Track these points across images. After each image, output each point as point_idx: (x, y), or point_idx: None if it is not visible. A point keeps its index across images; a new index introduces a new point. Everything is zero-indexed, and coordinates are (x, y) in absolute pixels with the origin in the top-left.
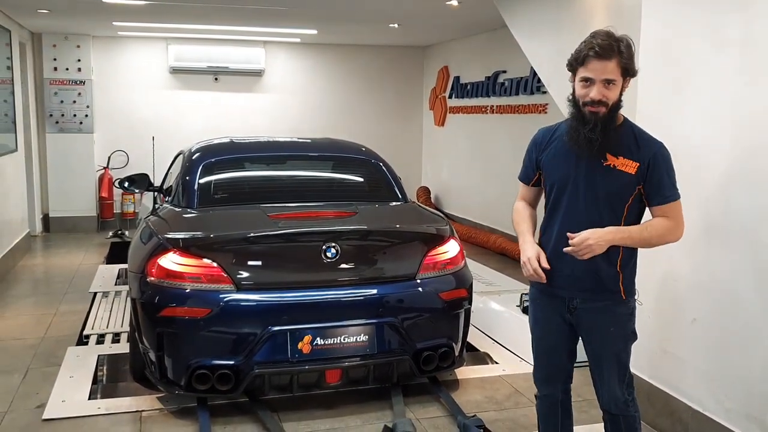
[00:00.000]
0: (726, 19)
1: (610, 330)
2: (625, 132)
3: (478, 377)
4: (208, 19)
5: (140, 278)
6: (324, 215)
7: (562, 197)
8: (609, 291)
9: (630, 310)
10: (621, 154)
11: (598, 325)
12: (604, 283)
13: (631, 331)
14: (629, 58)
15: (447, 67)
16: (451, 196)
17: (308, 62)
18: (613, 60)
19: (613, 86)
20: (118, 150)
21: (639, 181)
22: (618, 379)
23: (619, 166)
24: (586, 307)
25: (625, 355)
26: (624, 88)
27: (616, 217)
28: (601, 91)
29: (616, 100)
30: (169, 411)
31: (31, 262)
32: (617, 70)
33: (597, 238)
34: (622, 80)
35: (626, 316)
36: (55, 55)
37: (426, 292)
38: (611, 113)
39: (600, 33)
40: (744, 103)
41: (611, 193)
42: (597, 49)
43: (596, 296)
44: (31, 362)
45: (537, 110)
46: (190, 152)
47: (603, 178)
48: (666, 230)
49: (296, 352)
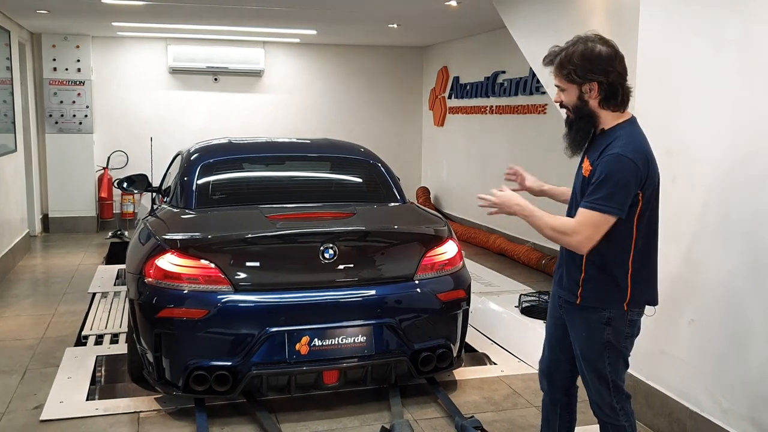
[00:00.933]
0: (724, 20)
1: (582, 335)
2: (606, 136)
3: (476, 378)
4: (208, 19)
5: (138, 279)
6: (322, 216)
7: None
8: (570, 293)
9: (603, 319)
10: (590, 158)
11: (574, 327)
12: (568, 284)
13: (605, 341)
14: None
15: (446, 67)
16: (450, 196)
17: (307, 62)
18: (552, 67)
19: (564, 91)
20: (118, 150)
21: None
22: (601, 386)
23: (584, 168)
24: (564, 307)
25: (602, 365)
26: (587, 95)
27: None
28: (558, 94)
29: (575, 105)
30: (166, 412)
31: (30, 262)
32: (557, 73)
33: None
34: (574, 86)
35: (598, 325)
36: (54, 55)
37: (424, 293)
38: (577, 116)
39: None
40: (742, 104)
41: (577, 196)
42: (544, 56)
43: (563, 294)
44: (30, 363)
45: (536, 111)
46: (189, 153)
47: (577, 179)
48: (564, 228)
49: (294, 353)
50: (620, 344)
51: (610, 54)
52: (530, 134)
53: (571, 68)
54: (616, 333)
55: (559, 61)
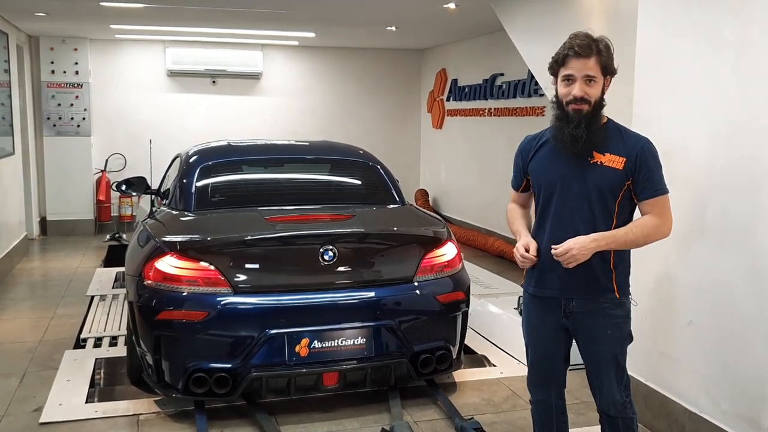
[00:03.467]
0: (721, 21)
1: (607, 333)
2: (610, 130)
3: (475, 380)
4: (206, 22)
5: (137, 281)
6: (321, 218)
7: (551, 200)
8: (603, 290)
9: (626, 312)
10: (607, 151)
11: (596, 328)
12: (599, 282)
13: (627, 333)
14: (608, 56)
15: (445, 70)
16: (449, 198)
17: (306, 65)
18: (591, 58)
19: (594, 83)
20: (116, 153)
21: (627, 176)
22: (616, 382)
23: (606, 162)
24: (582, 311)
25: (623, 358)
26: (605, 87)
27: (609, 215)
28: (583, 87)
29: (598, 98)
30: (166, 414)
31: (28, 265)
32: (597, 67)
33: (580, 246)
34: (603, 78)
35: (622, 319)
36: (52, 58)
37: (423, 295)
38: (594, 111)
39: (579, 34)
40: (740, 106)
41: (601, 191)
42: (576, 48)
43: (591, 296)
44: (29, 365)
45: (534, 113)
46: (188, 155)
47: (592, 175)
48: (652, 229)
49: (294, 355)
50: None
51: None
52: None
53: (608, 58)
54: (630, 323)
55: (598, 49)
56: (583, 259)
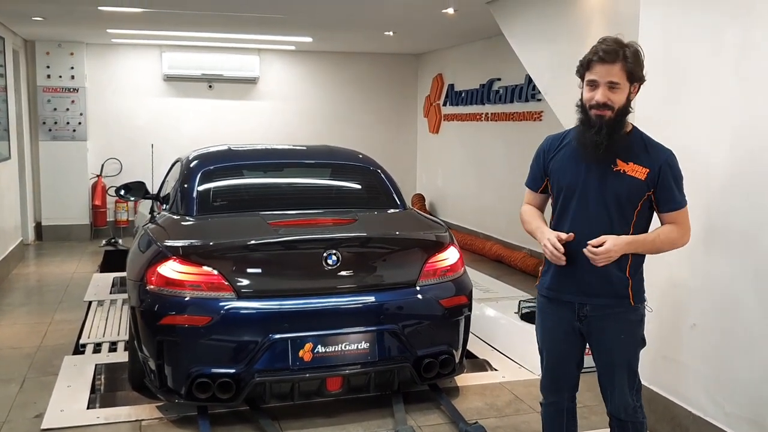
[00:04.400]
0: (725, 25)
1: (621, 337)
2: (634, 139)
3: (477, 384)
4: (204, 26)
5: (140, 286)
6: (324, 222)
7: (570, 203)
8: (619, 296)
9: (640, 317)
10: (631, 160)
11: (610, 332)
12: (614, 288)
13: (641, 337)
14: (635, 63)
15: (441, 74)
16: (446, 203)
17: (303, 70)
18: (617, 64)
19: (618, 90)
20: (112, 158)
21: (649, 187)
22: (629, 386)
23: (629, 171)
24: (597, 315)
25: (635, 362)
26: (632, 94)
27: (626, 223)
28: (606, 93)
29: (623, 105)
30: (169, 420)
31: (24, 270)
32: (621, 74)
33: (618, 246)
34: (629, 85)
35: (636, 323)
36: (48, 62)
37: (426, 299)
38: (618, 117)
39: (607, 39)
40: (743, 109)
41: (621, 199)
42: (601, 54)
43: (606, 301)
44: (28, 371)
45: (532, 118)
46: (188, 160)
47: (613, 183)
48: (676, 237)
49: (297, 359)
50: (645, 338)
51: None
52: (526, 141)
53: (636, 65)
54: (643, 327)
55: (624, 56)
56: (615, 258)
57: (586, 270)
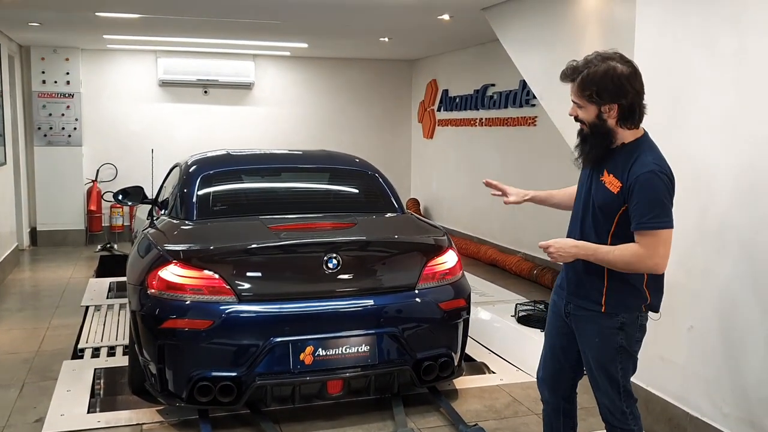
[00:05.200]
0: (719, 31)
1: (595, 341)
2: (629, 151)
3: (476, 387)
4: (200, 32)
5: (140, 291)
6: (323, 226)
7: (574, 203)
8: (590, 300)
9: (617, 324)
10: (612, 172)
11: (585, 334)
12: (587, 292)
13: (619, 346)
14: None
15: (435, 80)
16: (440, 207)
17: (298, 75)
18: (571, 84)
19: (582, 108)
20: (107, 163)
21: (622, 201)
22: (612, 390)
23: (607, 183)
24: (576, 315)
25: (614, 369)
26: (606, 114)
27: (605, 230)
28: (574, 108)
29: (592, 122)
30: (169, 423)
31: (20, 276)
32: (578, 93)
33: (559, 247)
34: (592, 105)
35: (612, 330)
36: (43, 68)
37: (426, 303)
38: (593, 131)
39: (579, 60)
40: (740, 116)
41: (599, 207)
42: (563, 71)
43: (580, 303)
44: (27, 376)
45: (526, 123)
46: (187, 165)
47: (595, 191)
48: (633, 257)
49: (298, 363)
50: (631, 348)
51: (630, 74)
52: (520, 146)
53: (593, 89)
54: (628, 337)
55: (580, 80)
56: (562, 260)
57: (570, 269)
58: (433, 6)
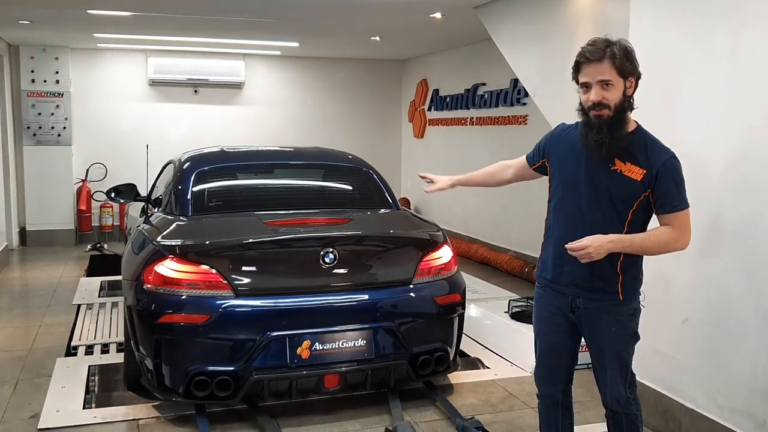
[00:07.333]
0: (714, 28)
1: (612, 330)
2: (636, 138)
3: (471, 381)
4: (191, 30)
5: (136, 286)
6: (319, 222)
7: (566, 196)
8: (608, 291)
9: (631, 310)
10: (628, 160)
11: (600, 324)
12: (603, 283)
13: (632, 331)
14: (624, 58)
15: (426, 80)
16: (431, 206)
17: (288, 75)
18: (604, 61)
19: (611, 87)
20: (97, 162)
21: (645, 188)
22: (621, 378)
23: (626, 171)
24: (588, 307)
25: (627, 355)
26: (628, 89)
27: (620, 221)
28: (599, 92)
29: (619, 102)
30: (166, 419)
31: (9, 275)
32: (611, 70)
33: (597, 246)
34: (622, 81)
35: (627, 317)
36: (32, 67)
37: (422, 297)
38: (616, 115)
39: (595, 39)
40: (734, 111)
41: (615, 198)
42: (587, 54)
43: (596, 295)
44: (21, 374)
45: (517, 122)
46: (181, 161)
47: (608, 181)
48: (669, 240)
49: (295, 357)
50: (638, 332)
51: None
52: (511, 145)
53: (625, 60)
54: (637, 322)
55: (612, 53)
56: (597, 258)
57: (577, 264)
58: (426, 4)
